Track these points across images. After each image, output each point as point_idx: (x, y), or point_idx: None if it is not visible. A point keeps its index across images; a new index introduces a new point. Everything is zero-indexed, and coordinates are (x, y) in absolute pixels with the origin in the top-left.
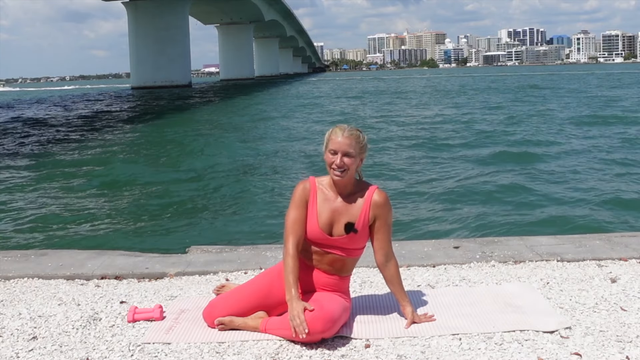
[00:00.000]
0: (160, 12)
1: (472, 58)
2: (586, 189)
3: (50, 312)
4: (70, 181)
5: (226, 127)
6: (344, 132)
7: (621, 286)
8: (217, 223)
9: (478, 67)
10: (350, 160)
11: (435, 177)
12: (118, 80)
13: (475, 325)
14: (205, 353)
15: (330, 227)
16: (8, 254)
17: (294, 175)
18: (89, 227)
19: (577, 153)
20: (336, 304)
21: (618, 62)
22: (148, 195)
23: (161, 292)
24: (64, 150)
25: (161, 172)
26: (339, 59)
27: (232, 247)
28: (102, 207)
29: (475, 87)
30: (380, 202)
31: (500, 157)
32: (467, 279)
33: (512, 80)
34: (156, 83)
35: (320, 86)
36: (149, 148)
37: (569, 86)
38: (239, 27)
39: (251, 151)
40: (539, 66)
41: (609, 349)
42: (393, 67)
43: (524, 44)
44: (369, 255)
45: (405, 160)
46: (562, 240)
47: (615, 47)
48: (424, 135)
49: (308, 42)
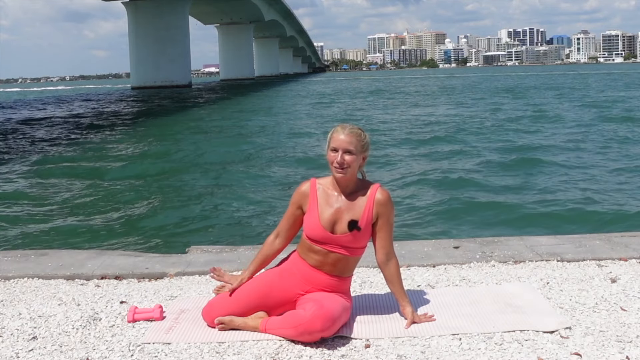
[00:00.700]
0: (160, 12)
1: (472, 58)
2: (587, 188)
3: (50, 312)
4: (70, 181)
5: (226, 127)
6: (345, 130)
7: (621, 286)
8: (217, 223)
9: (478, 67)
10: (352, 158)
11: (436, 177)
12: (118, 81)
13: (475, 325)
14: (205, 353)
15: (332, 225)
16: (8, 254)
17: (295, 175)
18: (89, 227)
19: (578, 153)
20: (336, 303)
21: (618, 62)
22: (148, 195)
23: (161, 292)
24: (64, 150)
25: (161, 172)
26: (339, 59)
27: (232, 247)
28: (102, 207)
29: (488, 88)
30: (383, 200)
31: (500, 157)
32: (467, 279)
33: (512, 81)
34: (156, 83)
35: (321, 86)
36: (149, 148)
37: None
38: (239, 27)
39: (251, 151)
40: (539, 66)
41: (609, 349)
42: (393, 67)
43: (524, 44)
44: (369, 255)
45: (406, 160)
46: (562, 240)
47: (615, 47)
48: (424, 135)
49: (308, 42)
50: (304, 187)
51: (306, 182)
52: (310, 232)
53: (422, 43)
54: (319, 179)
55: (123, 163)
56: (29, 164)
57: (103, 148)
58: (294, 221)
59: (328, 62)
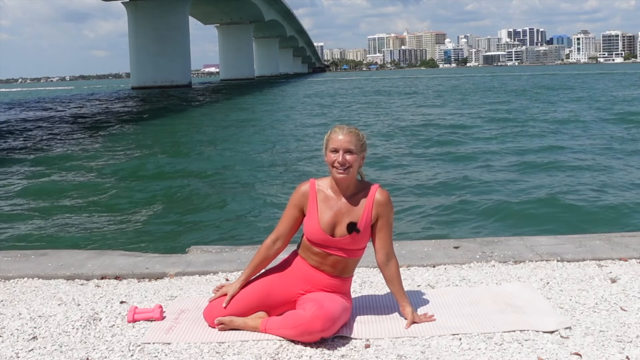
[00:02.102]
0: (160, 12)
1: (472, 58)
2: (587, 188)
3: (50, 312)
4: (70, 181)
5: (226, 127)
6: (344, 130)
7: (621, 286)
8: (217, 223)
9: (478, 67)
10: (352, 157)
11: (436, 177)
12: (118, 81)
13: (475, 325)
14: (205, 353)
15: (332, 228)
16: (8, 254)
17: (295, 175)
18: (89, 227)
19: (579, 153)
20: (336, 303)
21: (618, 62)
22: (148, 195)
23: (161, 292)
24: (64, 150)
25: (161, 172)
26: (339, 59)
27: (232, 247)
28: (102, 207)
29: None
30: (383, 201)
31: (501, 156)
32: (467, 279)
33: (513, 81)
34: (156, 83)
35: (321, 86)
36: (149, 148)
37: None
38: (239, 27)
39: (251, 151)
40: (539, 66)
41: (609, 349)
42: (393, 67)
43: (524, 44)
44: (369, 255)
45: (406, 159)
46: (562, 240)
47: (615, 47)
48: (425, 135)
49: (308, 42)
50: (303, 188)
51: (305, 183)
52: (310, 235)
53: (422, 43)
54: (317, 179)
55: (123, 163)
56: (29, 164)
57: (103, 148)
58: (294, 223)
59: (328, 62)
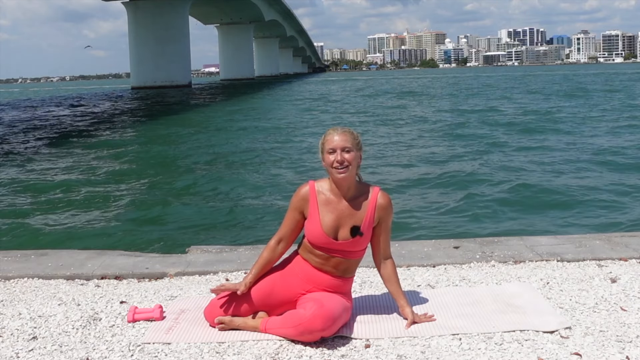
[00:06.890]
0: (160, 12)
1: (472, 58)
2: (587, 188)
3: (50, 312)
4: (70, 181)
5: (226, 127)
6: (338, 131)
7: (621, 286)
8: (217, 223)
9: (478, 67)
10: (351, 156)
11: (436, 177)
12: (118, 81)
13: (475, 325)
14: (205, 353)
15: (335, 231)
16: (8, 254)
17: (295, 176)
18: (89, 227)
19: (579, 153)
20: (336, 302)
21: (618, 62)
22: (148, 195)
23: (161, 292)
24: (63, 150)
25: (161, 172)
26: (339, 59)
27: (232, 247)
28: (102, 207)
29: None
30: (385, 204)
31: (501, 156)
32: (467, 279)
33: (512, 81)
34: (156, 83)
35: (321, 86)
36: (149, 148)
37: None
38: (239, 27)
39: (251, 151)
40: (539, 66)
41: (609, 349)
42: (393, 67)
43: (524, 44)
44: (368, 255)
45: (406, 159)
46: (562, 240)
47: (615, 47)
48: (425, 135)
49: (308, 42)
50: (302, 191)
51: (305, 185)
52: (312, 239)
53: (422, 43)
54: (316, 181)
55: (123, 163)
56: (29, 163)
57: (103, 148)
58: (295, 226)
59: (328, 62)
